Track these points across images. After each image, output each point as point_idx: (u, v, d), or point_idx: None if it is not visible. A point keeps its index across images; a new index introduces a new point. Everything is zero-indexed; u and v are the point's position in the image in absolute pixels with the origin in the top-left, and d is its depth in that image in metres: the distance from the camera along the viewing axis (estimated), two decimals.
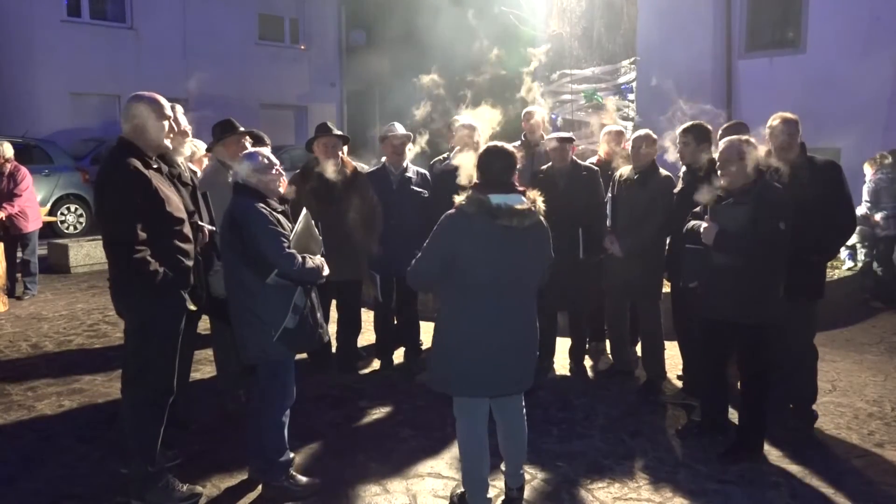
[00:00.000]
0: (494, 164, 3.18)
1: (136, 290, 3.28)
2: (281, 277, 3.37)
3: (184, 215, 3.45)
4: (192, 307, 3.53)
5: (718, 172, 3.95)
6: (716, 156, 4.14)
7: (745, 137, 3.94)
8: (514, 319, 3.18)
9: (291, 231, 3.49)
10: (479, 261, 3.09)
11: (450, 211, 3.17)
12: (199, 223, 3.70)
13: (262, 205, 3.42)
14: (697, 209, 4.16)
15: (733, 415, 4.21)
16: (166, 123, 3.43)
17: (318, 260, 3.54)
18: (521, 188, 3.21)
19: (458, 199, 3.15)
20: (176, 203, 3.40)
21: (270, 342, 3.40)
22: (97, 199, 3.40)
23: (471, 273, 3.11)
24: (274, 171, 3.51)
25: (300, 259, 3.39)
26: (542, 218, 3.21)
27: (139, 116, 3.34)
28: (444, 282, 3.19)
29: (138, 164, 3.26)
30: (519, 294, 3.19)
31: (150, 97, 3.40)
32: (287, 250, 3.37)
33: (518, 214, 3.08)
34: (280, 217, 3.48)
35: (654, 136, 4.94)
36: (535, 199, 3.17)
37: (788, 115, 4.24)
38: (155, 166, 3.37)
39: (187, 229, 3.47)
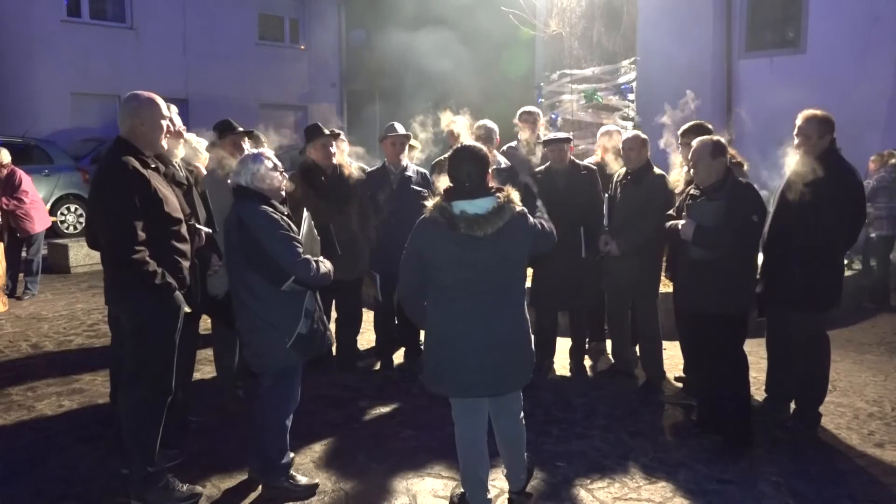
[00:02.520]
0: (460, 168, 3.06)
1: (134, 291, 3.26)
2: (297, 284, 3.34)
3: (181, 216, 3.43)
4: (187, 309, 3.50)
5: (691, 171, 4.07)
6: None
7: (715, 137, 4.04)
8: (491, 319, 3.09)
9: (298, 233, 3.45)
10: (446, 265, 3.07)
11: (422, 216, 3.15)
12: (197, 226, 3.68)
13: (269, 208, 3.36)
14: (671, 211, 4.32)
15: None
16: (164, 123, 3.43)
17: (328, 264, 3.51)
18: (493, 188, 3.10)
19: (428, 204, 3.12)
20: (174, 203, 3.39)
21: (284, 349, 3.36)
22: (94, 199, 3.37)
23: (441, 275, 3.10)
24: (279, 174, 3.48)
25: (314, 265, 3.36)
26: (515, 210, 3.06)
27: (138, 116, 3.33)
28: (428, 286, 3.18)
29: (136, 163, 3.24)
30: (493, 292, 3.09)
31: (148, 97, 3.39)
32: (302, 257, 3.32)
33: (479, 223, 2.97)
34: (287, 220, 3.43)
35: (644, 137, 4.95)
36: (508, 196, 3.06)
37: (814, 112, 4.14)
38: (153, 166, 3.35)
39: (184, 230, 3.45)
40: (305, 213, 3.63)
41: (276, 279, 3.31)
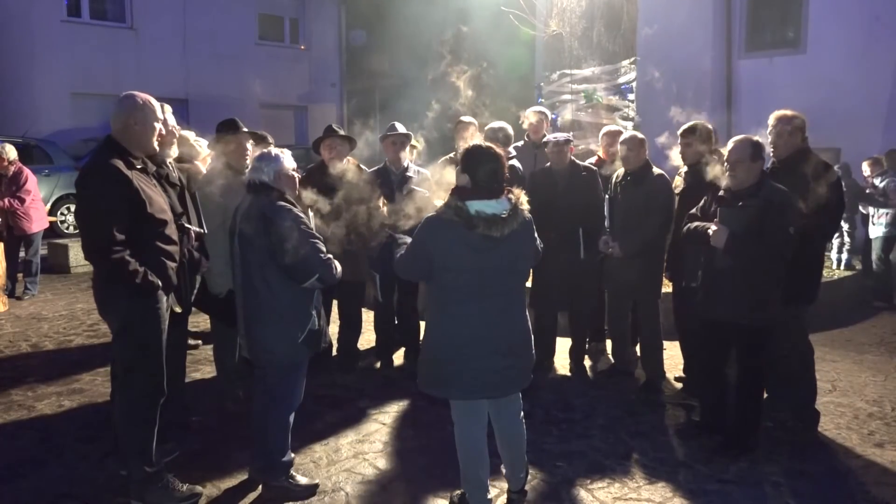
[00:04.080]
0: (484, 167, 3.02)
1: (117, 292, 3.23)
2: (319, 282, 3.37)
3: (168, 217, 3.40)
4: (178, 309, 3.48)
5: (726, 173, 3.91)
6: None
7: (755, 137, 3.91)
8: (496, 323, 3.08)
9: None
10: (457, 265, 3.03)
11: (430, 214, 3.11)
12: (186, 225, 3.66)
13: (291, 206, 3.37)
14: (693, 210, 4.19)
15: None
16: (157, 125, 3.41)
17: (338, 264, 3.53)
18: (505, 189, 3.08)
19: (439, 203, 3.10)
20: (159, 204, 3.35)
21: (295, 344, 3.40)
22: (76, 198, 3.38)
23: (449, 276, 3.06)
24: (295, 174, 3.51)
25: (336, 265, 3.40)
26: (525, 215, 3.08)
27: (132, 116, 3.32)
28: (430, 280, 3.15)
29: (121, 163, 3.21)
30: (502, 296, 3.09)
31: (143, 98, 3.38)
32: (326, 255, 3.35)
33: (497, 223, 2.96)
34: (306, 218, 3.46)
35: (642, 137, 4.94)
36: (518, 198, 3.06)
37: (784, 112, 4.19)
38: (139, 166, 3.33)
39: (171, 231, 3.41)
40: (311, 213, 3.64)
41: (300, 276, 3.33)
